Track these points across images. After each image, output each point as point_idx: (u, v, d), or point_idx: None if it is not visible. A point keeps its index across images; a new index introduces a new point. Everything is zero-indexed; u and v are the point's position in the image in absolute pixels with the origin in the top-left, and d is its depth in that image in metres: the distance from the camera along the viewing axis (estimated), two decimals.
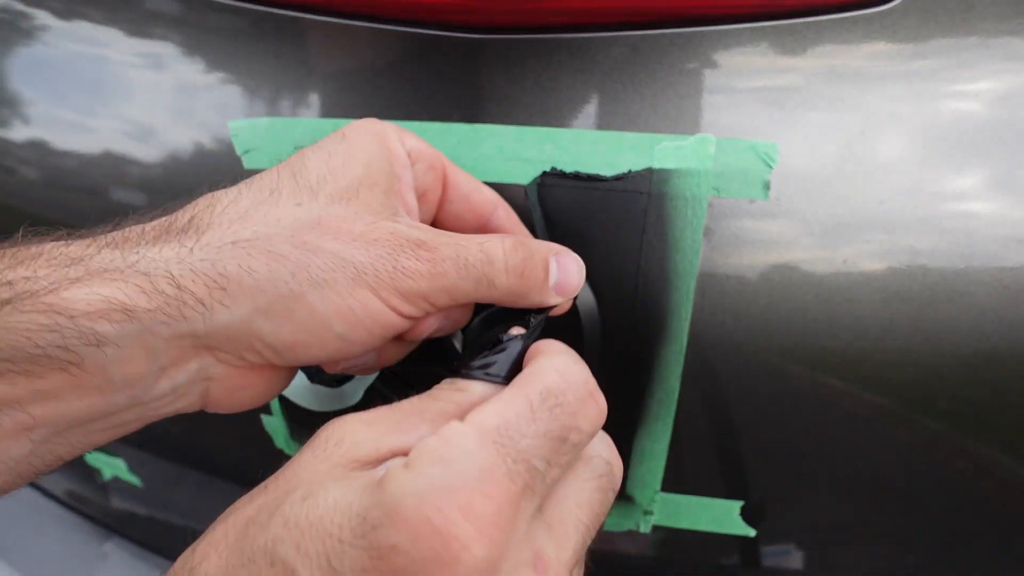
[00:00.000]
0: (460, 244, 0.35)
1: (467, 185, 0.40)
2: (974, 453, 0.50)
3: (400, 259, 0.33)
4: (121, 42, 0.55)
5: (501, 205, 0.41)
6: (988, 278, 0.45)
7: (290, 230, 0.33)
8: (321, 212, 0.33)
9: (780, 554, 0.56)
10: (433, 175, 0.39)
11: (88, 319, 0.30)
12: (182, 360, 0.33)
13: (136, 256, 0.32)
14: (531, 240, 0.37)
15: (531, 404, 0.28)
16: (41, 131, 0.58)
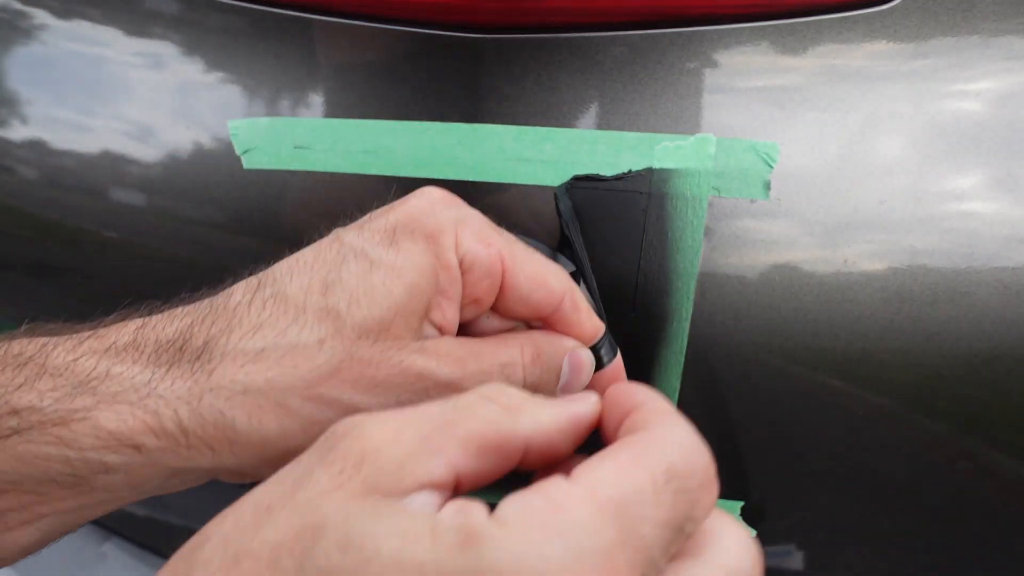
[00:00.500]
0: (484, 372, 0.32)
1: (528, 285, 0.34)
2: (975, 453, 0.50)
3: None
4: (120, 41, 0.55)
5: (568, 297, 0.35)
6: (989, 278, 0.45)
7: (306, 381, 0.30)
8: (343, 355, 0.31)
9: (780, 555, 0.56)
10: (488, 282, 0.34)
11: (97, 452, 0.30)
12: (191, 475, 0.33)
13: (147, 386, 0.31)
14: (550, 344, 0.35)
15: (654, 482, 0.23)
16: (40, 131, 0.58)
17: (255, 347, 0.31)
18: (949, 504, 0.52)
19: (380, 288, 0.31)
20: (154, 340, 0.32)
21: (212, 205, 0.53)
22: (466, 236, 0.33)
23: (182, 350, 0.32)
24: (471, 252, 0.33)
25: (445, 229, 0.33)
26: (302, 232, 0.51)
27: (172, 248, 0.55)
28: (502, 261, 0.33)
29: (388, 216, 0.34)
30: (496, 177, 0.46)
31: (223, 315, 0.32)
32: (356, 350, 0.31)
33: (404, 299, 0.31)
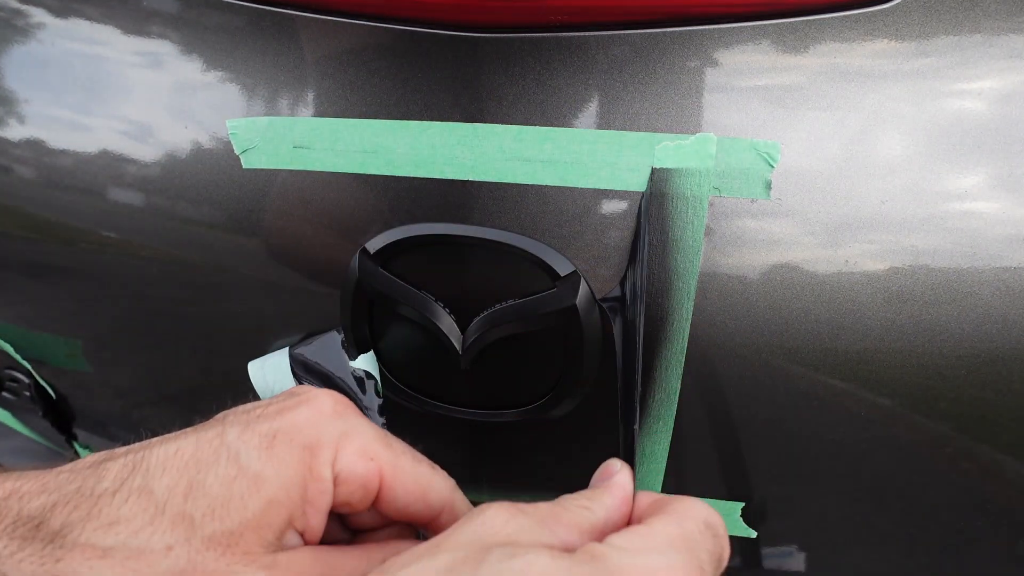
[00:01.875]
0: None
1: (405, 498, 0.36)
2: (975, 453, 0.50)
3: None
4: (118, 40, 0.55)
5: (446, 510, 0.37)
6: (991, 278, 0.45)
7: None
8: (187, 564, 0.31)
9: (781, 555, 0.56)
10: (361, 494, 0.35)
11: None
12: None
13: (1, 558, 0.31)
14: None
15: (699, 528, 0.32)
16: (38, 130, 0.58)
17: (105, 543, 0.31)
18: (951, 505, 0.52)
19: (237, 501, 0.32)
20: (16, 512, 0.32)
21: (211, 205, 0.52)
22: (347, 450, 0.34)
23: (38, 528, 0.32)
24: (348, 467, 0.34)
25: (325, 443, 0.34)
26: (301, 232, 0.51)
27: (171, 248, 0.55)
28: (380, 476, 0.35)
29: (274, 421, 0.34)
30: (496, 177, 0.46)
31: (87, 501, 0.32)
32: (201, 561, 0.31)
33: (259, 514, 0.32)
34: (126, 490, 0.32)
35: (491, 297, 0.48)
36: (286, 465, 0.33)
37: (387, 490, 0.35)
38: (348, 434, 0.35)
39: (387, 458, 0.35)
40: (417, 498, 0.36)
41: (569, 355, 0.48)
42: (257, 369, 0.54)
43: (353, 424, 0.35)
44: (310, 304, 0.53)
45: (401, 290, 0.48)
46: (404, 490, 0.36)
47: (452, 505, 0.37)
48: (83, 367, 0.67)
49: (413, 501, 0.36)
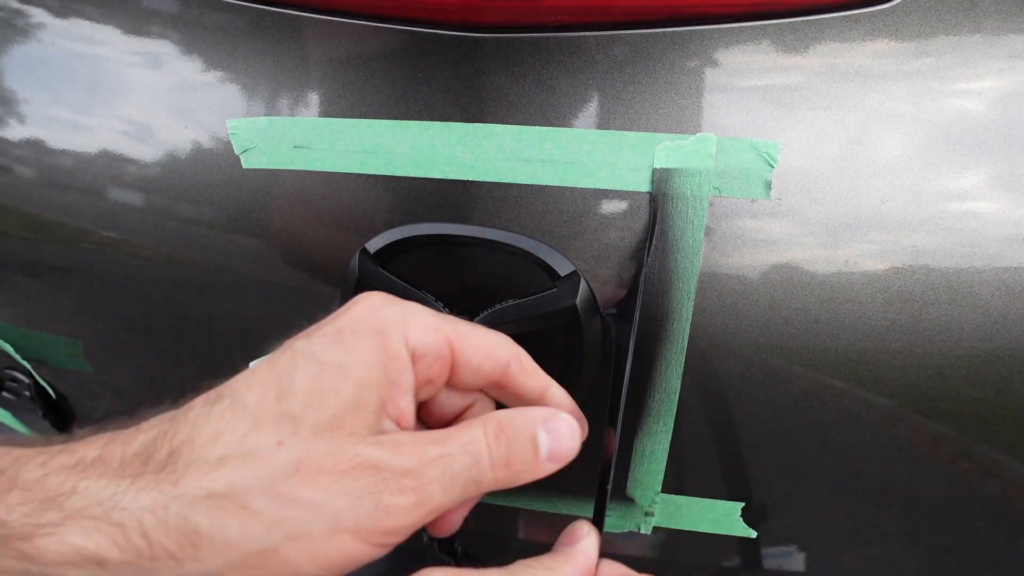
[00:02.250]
0: (446, 455, 0.34)
1: (476, 358, 0.37)
2: (975, 453, 0.50)
3: (383, 497, 0.32)
4: (118, 40, 0.55)
5: (514, 360, 0.38)
6: (991, 278, 0.45)
7: (266, 480, 0.32)
8: (301, 453, 0.32)
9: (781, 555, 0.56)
10: (439, 365, 0.36)
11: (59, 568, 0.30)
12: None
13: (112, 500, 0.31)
14: (516, 417, 0.36)
15: None
16: (38, 130, 0.58)
17: (217, 455, 0.32)
18: (951, 505, 0.52)
19: (330, 388, 0.33)
20: (120, 454, 0.33)
21: (211, 205, 0.52)
22: (413, 327, 0.35)
23: (146, 462, 0.33)
24: (420, 341, 0.35)
25: (391, 324, 0.35)
26: (301, 232, 0.51)
27: (171, 248, 0.55)
28: (450, 343, 0.36)
29: (335, 322, 0.36)
30: (496, 177, 0.46)
31: (184, 426, 0.34)
32: (313, 447, 0.32)
33: (354, 395, 0.33)
34: (218, 410, 0.33)
35: (491, 297, 0.48)
36: (363, 350, 0.34)
37: (459, 354, 0.36)
38: (407, 314, 0.36)
39: (450, 327, 0.36)
40: (487, 355, 0.37)
41: (569, 355, 0.48)
42: None
43: (409, 306, 0.36)
44: (310, 304, 0.53)
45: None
46: (473, 352, 0.37)
47: (519, 356, 0.38)
48: (83, 367, 0.67)
49: (484, 358, 0.37)
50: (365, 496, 0.32)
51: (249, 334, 0.57)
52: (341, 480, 0.32)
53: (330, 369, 0.33)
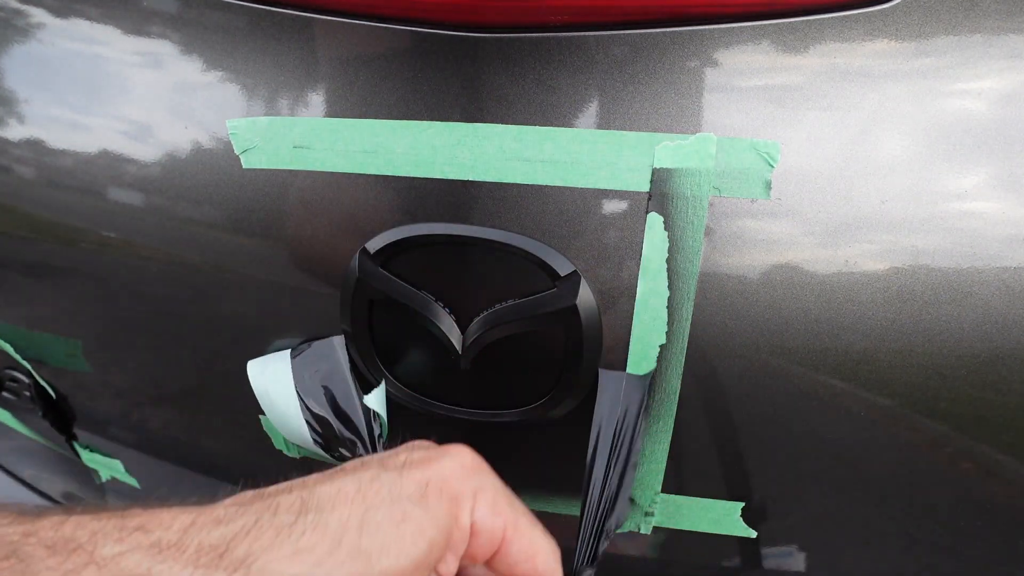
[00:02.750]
0: None
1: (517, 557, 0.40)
2: (975, 453, 0.50)
3: None
4: (118, 40, 0.55)
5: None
6: (991, 278, 0.45)
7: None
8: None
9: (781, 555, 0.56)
10: (488, 546, 0.39)
11: None
12: None
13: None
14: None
15: None
16: (38, 130, 0.58)
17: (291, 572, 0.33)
18: (951, 505, 0.52)
19: (408, 541, 0.35)
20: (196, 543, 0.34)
21: (211, 205, 0.52)
22: (482, 505, 0.38)
23: (222, 557, 0.33)
24: (482, 519, 0.38)
25: (466, 495, 0.38)
26: (301, 232, 0.51)
27: (171, 248, 0.55)
28: (504, 531, 0.39)
29: (425, 471, 0.38)
30: (496, 177, 0.46)
31: (268, 531, 0.34)
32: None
33: (424, 554, 0.35)
34: (302, 523, 0.35)
35: (491, 297, 0.48)
36: (440, 513, 0.37)
37: (505, 545, 0.39)
38: (483, 489, 0.38)
39: (511, 516, 0.39)
40: (527, 558, 0.39)
41: (569, 355, 0.48)
42: (257, 372, 0.54)
43: (488, 480, 0.39)
44: (310, 304, 0.53)
45: (401, 290, 0.48)
46: (518, 548, 0.39)
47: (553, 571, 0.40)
48: (83, 367, 0.67)
49: (523, 560, 0.39)
50: None
51: (249, 334, 0.57)
52: None
53: (412, 522, 0.36)
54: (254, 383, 0.54)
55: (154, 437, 0.70)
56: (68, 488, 0.88)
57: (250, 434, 0.58)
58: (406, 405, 0.53)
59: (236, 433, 0.61)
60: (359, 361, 0.52)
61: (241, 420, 0.57)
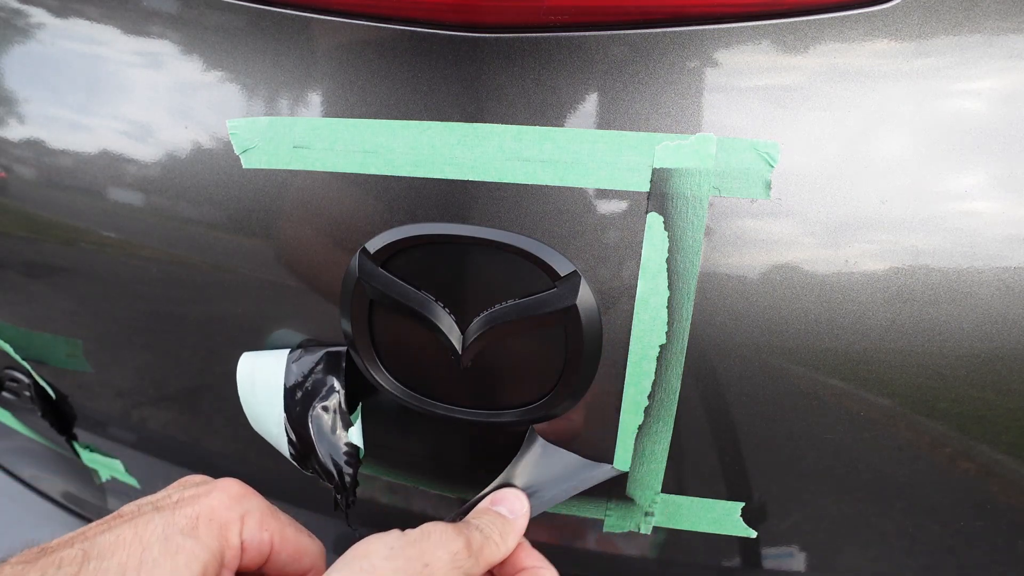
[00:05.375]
0: None
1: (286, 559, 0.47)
2: (976, 454, 0.50)
3: None
4: (118, 40, 0.55)
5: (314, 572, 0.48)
6: (991, 278, 0.45)
7: None
8: None
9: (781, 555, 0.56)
10: (259, 557, 0.46)
11: None
12: None
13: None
14: None
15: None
16: (38, 130, 0.58)
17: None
18: (951, 505, 0.52)
19: (183, 569, 0.41)
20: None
21: (211, 205, 0.52)
22: (249, 525, 0.45)
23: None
24: (251, 537, 0.45)
25: (234, 520, 0.44)
26: (301, 232, 0.51)
27: (171, 248, 0.55)
28: (272, 542, 0.46)
29: (195, 506, 0.44)
30: (496, 177, 0.46)
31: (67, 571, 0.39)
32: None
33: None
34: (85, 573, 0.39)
35: (491, 297, 0.48)
36: (211, 539, 0.43)
37: (274, 553, 0.46)
38: (251, 512, 0.45)
39: (276, 528, 0.46)
40: (294, 560, 0.47)
41: (569, 355, 0.48)
42: (247, 366, 0.54)
43: (253, 503, 0.46)
44: (310, 304, 0.53)
45: (401, 290, 0.48)
46: (286, 553, 0.47)
47: (318, 568, 0.48)
48: (83, 367, 0.67)
49: (291, 562, 0.47)
50: None
51: (249, 334, 0.57)
52: None
53: (184, 551, 0.41)
54: (240, 377, 0.54)
55: (154, 437, 0.70)
56: (68, 488, 0.88)
57: (250, 434, 0.58)
58: (406, 405, 0.53)
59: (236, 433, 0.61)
60: (359, 361, 0.52)
61: (241, 420, 0.57)
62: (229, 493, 0.45)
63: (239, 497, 0.46)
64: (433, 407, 0.53)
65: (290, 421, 0.53)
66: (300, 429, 0.52)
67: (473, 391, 0.52)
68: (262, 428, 0.55)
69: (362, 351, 0.52)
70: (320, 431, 0.52)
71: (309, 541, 0.48)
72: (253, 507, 0.46)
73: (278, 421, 0.53)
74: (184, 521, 0.43)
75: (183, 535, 0.42)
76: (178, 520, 0.43)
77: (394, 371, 0.53)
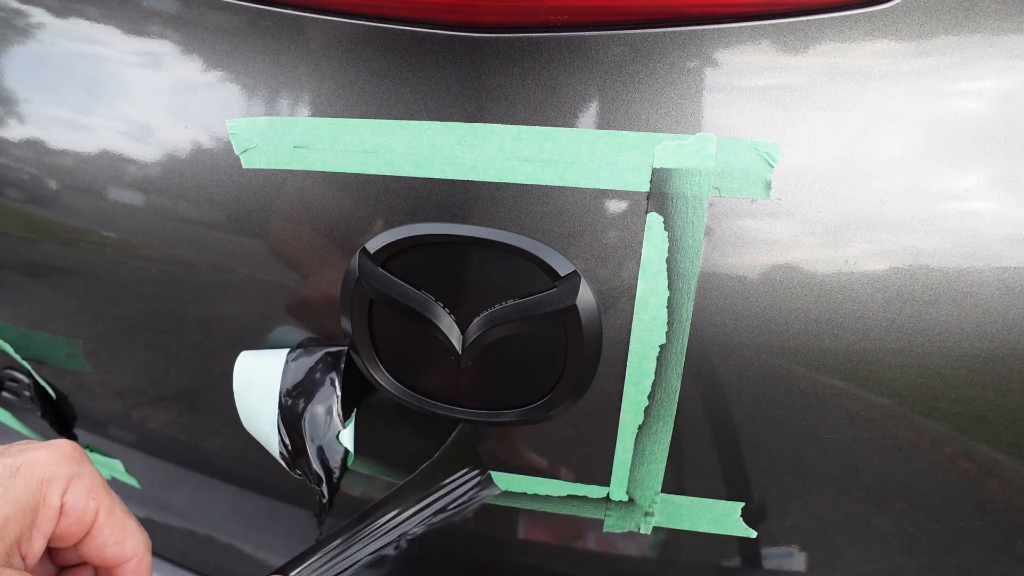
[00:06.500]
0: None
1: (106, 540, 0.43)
2: (976, 454, 0.50)
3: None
4: (118, 40, 0.55)
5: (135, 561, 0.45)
6: (991, 278, 0.45)
7: None
8: None
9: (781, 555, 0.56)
10: (78, 527, 0.43)
11: None
12: None
13: None
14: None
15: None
16: (38, 130, 0.58)
17: None
18: (951, 505, 0.52)
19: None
20: None
21: (211, 205, 0.52)
22: (77, 488, 0.42)
23: None
24: (73, 501, 0.42)
25: (59, 478, 0.41)
26: (301, 232, 0.51)
27: (171, 248, 0.55)
28: (97, 515, 0.42)
29: (19, 457, 0.41)
30: (496, 177, 0.46)
31: None
32: None
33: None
34: None
35: (491, 297, 0.48)
36: (25, 492, 0.40)
37: (97, 528, 0.43)
38: (80, 475, 0.42)
39: (106, 502, 0.43)
40: (117, 542, 0.44)
41: (569, 355, 0.48)
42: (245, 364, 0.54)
43: (85, 468, 0.43)
44: (310, 304, 0.53)
45: (401, 290, 0.48)
46: (110, 531, 0.43)
47: (142, 560, 0.45)
48: (83, 367, 0.67)
49: (113, 544, 0.44)
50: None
51: (249, 334, 0.57)
52: None
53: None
54: (237, 376, 0.54)
55: (154, 437, 0.70)
56: None
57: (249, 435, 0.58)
58: (406, 405, 0.53)
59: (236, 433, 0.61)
60: (359, 361, 0.52)
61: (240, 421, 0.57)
62: (60, 452, 0.43)
63: (70, 458, 0.43)
64: (433, 407, 0.53)
65: (283, 421, 0.53)
66: (292, 430, 0.52)
67: (473, 391, 0.52)
68: (253, 427, 0.55)
69: (362, 351, 0.52)
70: (314, 432, 0.52)
71: (136, 528, 0.45)
72: (85, 472, 0.43)
73: (271, 420, 0.53)
74: (2, 469, 0.41)
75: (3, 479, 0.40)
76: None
77: (394, 371, 0.52)
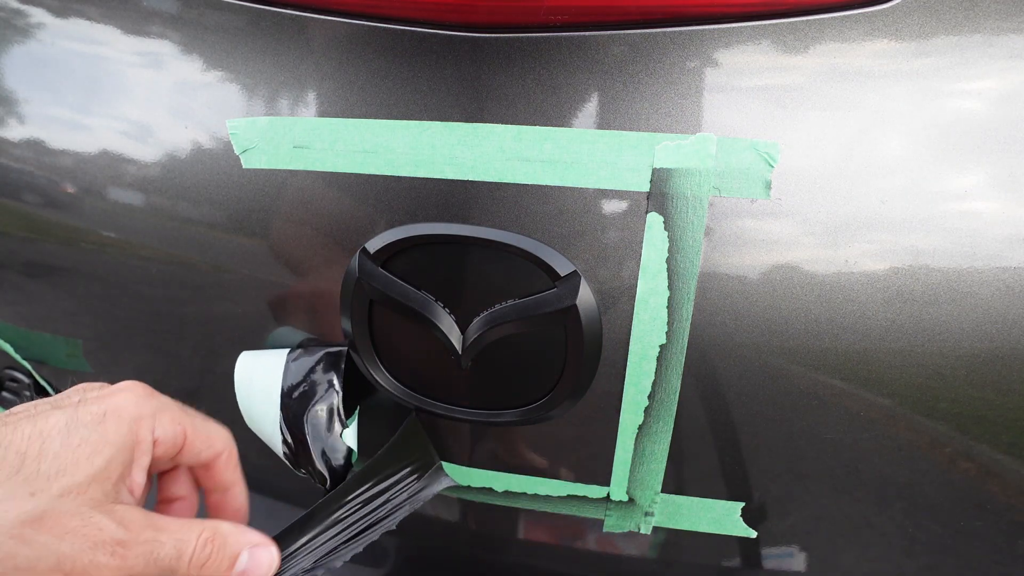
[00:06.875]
0: (157, 540, 0.43)
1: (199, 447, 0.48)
2: (976, 454, 0.50)
3: (97, 555, 0.41)
4: (118, 40, 0.55)
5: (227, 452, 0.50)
6: (991, 278, 0.45)
7: (12, 523, 0.39)
8: (47, 506, 0.40)
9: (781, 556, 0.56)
10: (173, 448, 0.47)
11: None
12: None
13: None
14: (232, 533, 0.46)
15: None
16: (38, 130, 0.58)
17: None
18: (949, 504, 0.52)
19: (84, 460, 0.42)
20: None
21: (211, 205, 0.52)
22: (162, 420, 0.46)
23: None
24: (163, 435, 0.46)
25: (146, 416, 0.45)
26: (301, 232, 0.51)
27: (171, 248, 0.55)
28: (184, 433, 0.47)
29: (101, 404, 0.45)
30: (496, 177, 0.46)
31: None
32: (60, 504, 0.41)
33: (101, 470, 0.42)
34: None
35: (491, 297, 0.48)
36: (119, 435, 0.44)
37: (188, 443, 0.48)
38: (161, 408, 0.46)
39: (187, 420, 0.48)
40: (208, 446, 0.49)
41: (569, 355, 0.48)
42: (246, 364, 0.54)
43: (163, 400, 0.47)
44: (310, 304, 0.53)
45: (401, 290, 0.48)
46: (198, 439, 0.48)
47: (231, 451, 0.50)
48: (83, 367, 0.67)
49: (204, 448, 0.49)
50: (86, 550, 0.40)
51: (249, 334, 0.57)
52: (72, 534, 0.40)
53: (89, 443, 0.42)
54: (238, 375, 0.54)
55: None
56: None
57: (250, 434, 0.58)
58: (406, 405, 0.53)
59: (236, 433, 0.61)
60: (359, 361, 0.52)
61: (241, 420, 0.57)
62: (136, 392, 0.46)
63: (147, 396, 0.46)
64: (433, 407, 0.53)
65: (286, 421, 0.53)
66: (295, 429, 0.52)
67: (473, 391, 0.52)
68: (257, 426, 0.55)
69: (362, 351, 0.52)
70: (316, 432, 0.52)
71: (217, 427, 0.50)
72: (164, 404, 0.47)
73: (274, 420, 0.53)
74: (89, 417, 0.44)
75: (88, 429, 0.43)
76: (82, 416, 0.43)
77: (394, 371, 0.52)
